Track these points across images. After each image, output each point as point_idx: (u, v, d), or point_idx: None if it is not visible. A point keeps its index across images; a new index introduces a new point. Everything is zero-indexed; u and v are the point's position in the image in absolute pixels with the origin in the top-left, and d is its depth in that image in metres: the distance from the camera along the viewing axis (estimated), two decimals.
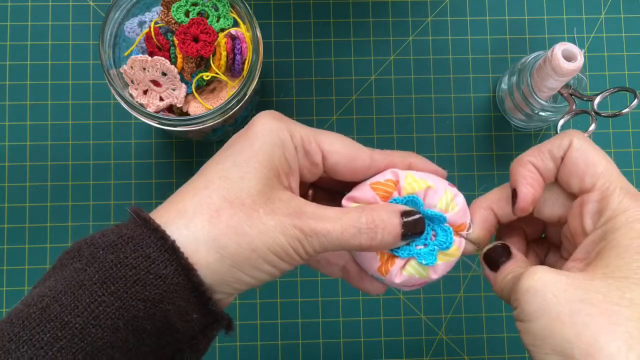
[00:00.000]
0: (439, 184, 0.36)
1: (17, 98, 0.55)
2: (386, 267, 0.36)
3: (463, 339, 0.54)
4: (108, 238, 0.30)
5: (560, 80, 0.47)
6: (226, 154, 0.33)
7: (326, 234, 0.32)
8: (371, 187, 0.35)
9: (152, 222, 0.30)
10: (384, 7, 0.57)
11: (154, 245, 0.30)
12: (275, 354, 0.54)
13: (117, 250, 0.30)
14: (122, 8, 0.46)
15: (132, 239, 0.30)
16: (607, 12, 0.58)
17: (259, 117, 0.34)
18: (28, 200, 0.54)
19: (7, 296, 0.53)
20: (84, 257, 0.30)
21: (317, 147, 0.34)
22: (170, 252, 0.30)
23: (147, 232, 0.30)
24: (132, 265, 0.29)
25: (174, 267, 0.30)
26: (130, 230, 0.30)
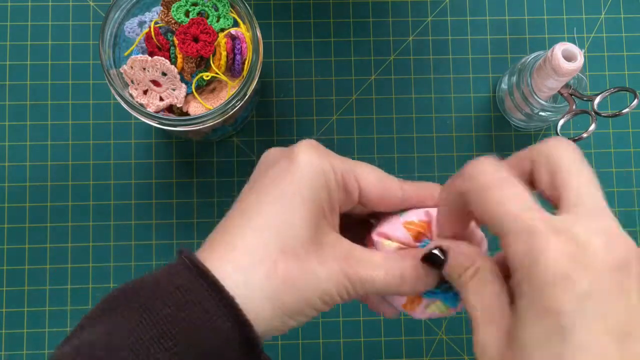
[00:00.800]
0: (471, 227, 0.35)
1: (17, 98, 0.55)
2: (412, 306, 0.36)
3: (463, 339, 0.54)
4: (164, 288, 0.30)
5: (560, 80, 0.47)
6: (272, 194, 0.32)
7: (372, 282, 0.32)
8: (404, 226, 0.35)
9: (210, 275, 0.30)
10: (384, 7, 0.57)
11: (212, 299, 0.29)
12: (275, 354, 0.54)
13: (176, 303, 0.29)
14: (122, 8, 0.46)
15: (188, 291, 0.29)
16: (607, 12, 0.58)
17: (301, 150, 0.33)
18: (28, 200, 0.54)
19: (7, 296, 0.53)
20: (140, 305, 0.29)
21: (355, 183, 0.34)
22: (229, 308, 0.29)
23: (204, 284, 0.30)
24: (189, 320, 0.29)
25: (231, 322, 0.29)
26: (186, 280, 0.30)
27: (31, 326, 0.53)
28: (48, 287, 0.54)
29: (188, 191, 0.55)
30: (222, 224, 0.33)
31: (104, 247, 0.54)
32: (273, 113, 0.56)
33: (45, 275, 0.54)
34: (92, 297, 0.54)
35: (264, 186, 0.33)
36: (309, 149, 0.33)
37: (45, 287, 0.54)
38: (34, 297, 0.53)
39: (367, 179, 0.34)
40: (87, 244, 0.54)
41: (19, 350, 0.53)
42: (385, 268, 0.32)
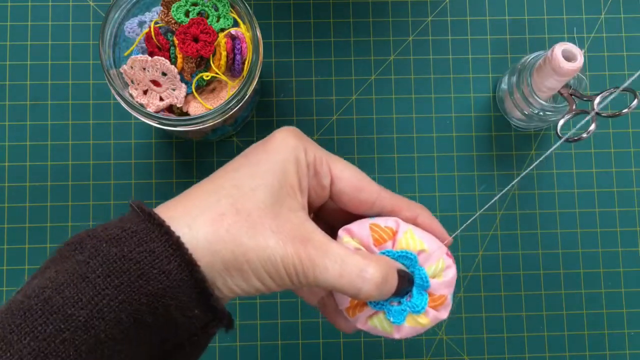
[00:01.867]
0: (435, 250, 0.35)
1: (17, 98, 0.55)
2: (354, 311, 0.36)
3: (463, 339, 0.54)
4: (111, 231, 0.30)
5: (560, 80, 0.47)
6: (241, 162, 0.33)
7: (324, 271, 0.32)
8: (370, 226, 0.35)
9: (157, 217, 0.30)
10: (384, 7, 0.57)
11: (158, 240, 0.30)
12: (275, 354, 0.54)
13: (121, 244, 0.30)
14: (122, 8, 0.46)
15: (135, 233, 0.30)
16: (607, 12, 0.58)
17: (279, 131, 0.34)
18: (28, 200, 0.54)
19: (7, 296, 0.53)
20: (87, 249, 0.30)
21: (327, 170, 0.35)
22: (175, 247, 0.30)
23: (152, 226, 0.30)
24: (136, 259, 0.29)
25: (177, 262, 0.30)
26: (134, 224, 0.30)
27: None
28: None
29: None
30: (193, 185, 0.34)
31: None
32: (273, 113, 0.56)
33: None
34: None
35: (238, 158, 0.34)
36: (286, 130, 0.34)
37: None
38: None
39: (342, 171, 0.35)
40: None
41: None
42: (342, 263, 0.32)
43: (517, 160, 0.56)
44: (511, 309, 0.55)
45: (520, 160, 0.56)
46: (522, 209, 0.56)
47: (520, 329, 0.54)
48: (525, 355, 0.54)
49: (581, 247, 0.55)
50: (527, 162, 0.56)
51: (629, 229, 0.55)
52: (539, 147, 0.57)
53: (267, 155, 0.33)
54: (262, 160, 0.33)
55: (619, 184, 0.56)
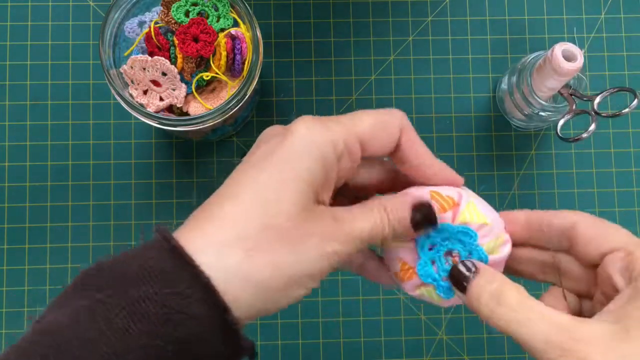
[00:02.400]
0: (496, 224, 0.34)
1: (17, 98, 0.55)
2: (403, 276, 0.35)
3: (463, 339, 0.54)
4: (134, 267, 0.28)
5: (560, 80, 0.47)
6: (262, 166, 0.31)
7: (359, 235, 0.31)
8: (430, 193, 0.34)
9: (185, 255, 0.28)
10: (384, 7, 0.57)
11: (187, 282, 0.27)
12: (275, 354, 0.54)
13: (146, 284, 0.27)
14: (122, 8, 0.46)
15: (161, 272, 0.27)
16: (607, 12, 0.58)
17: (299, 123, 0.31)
18: (28, 200, 0.54)
19: (7, 296, 0.53)
20: (108, 285, 0.27)
21: (358, 145, 0.32)
22: (205, 290, 0.27)
23: (179, 264, 0.28)
24: (162, 302, 0.27)
25: (207, 306, 0.27)
26: (159, 260, 0.28)
27: None
28: (48, 287, 0.54)
29: (188, 191, 0.55)
30: (208, 200, 0.31)
31: (104, 247, 0.54)
32: (273, 113, 0.56)
33: (45, 275, 0.54)
34: None
35: (255, 159, 0.31)
36: (306, 122, 0.31)
37: (45, 287, 0.54)
38: (34, 297, 0.53)
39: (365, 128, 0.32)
40: (87, 244, 0.54)
41: None
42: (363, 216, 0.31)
43: (517, 160, 0.56)
44: None
45: (520, 160, 0.56)
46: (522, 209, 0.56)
47: None
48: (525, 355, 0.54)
49: None
50: (527, 162, 0.56)
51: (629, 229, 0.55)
52: (539, 147, 0.57)
53: (290, 157, 0.30)
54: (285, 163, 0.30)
55: (619, 184, 0.56)
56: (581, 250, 0.33)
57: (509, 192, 0.56)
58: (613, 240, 0.33)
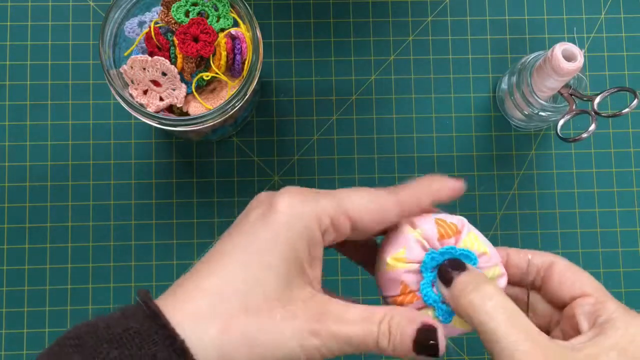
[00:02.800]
0: (494, 256, 0.35)
1: (17, 98, 0.55)
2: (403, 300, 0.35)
3: (463, 339, 0.54)
4: (113, 330, 0.28)
5: (560, 80, 0.47)
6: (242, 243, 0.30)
7: (347, 340, 0.30)
8: (435, 221, 0.34)
9: (163, 318, 0.28)
10: (384, 7, 0.57)
11: (162, 344, 0.28)
12: None
13: (122, 346, 0.27)
14: (122, 8, 0.46)
15: (138, 333, 0.28)
16: (607, 12, 0.58)
17: (282, 197, 0.31)
18: (28, 200, 0.54)
19: (7, 296, 0.53)
20: (86, 349, 0.28)
21: (346, 221, 0.32)
22: (179, 352, 0.28)
23: (155, 327, 0.28)
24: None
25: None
26: (138, 322, 0.28)
27: (31, 326, 0.53)
28: (48, 287, 0.54)
29: (188, 191, 0.55)
30: (193, 268, 0.31)
31: (104, 247, 0.54)
32: (273, 113, 0.56)
33: (45, 275, 0.54)
34: (92, 297, 0.54)
35: (239, 233, 0.31)
36: (292, 195, 0.31)
37: (45, 287, 0.54)
38: (34, 297, 0.53)
39: (358, 208, 0.32)
40: (87, 244, 0.54)
41: (19, 350, 0.53)
42: (363, 325, 0.30)
43: (517, 160, 0.56)
44: None
45: (520, 160, 0.56)
46: (522, 209, 0.56)
47: None
48: None
49: (581, 247, 0.55)
50: (527, 162, 0.56)
51: (629, 229, 0.55)
52: (539, 147, 0.57)
53: (272, 235, 0.30)
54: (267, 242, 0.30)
55: (619, 184, 0.56)
56: (554, 289, 0.35)
57: (509, 192, 0.56)
58: (585, 286, 0.34)
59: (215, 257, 0.31)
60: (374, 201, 0.33)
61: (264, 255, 0.30)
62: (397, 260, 0.34)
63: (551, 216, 0.56)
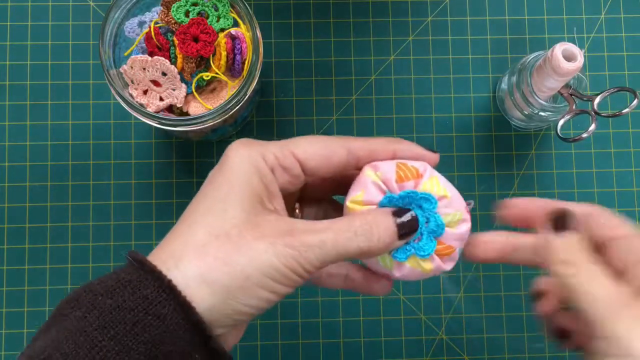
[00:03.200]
0: (456, 200, 0.35)
1: (17, 98, 0.55)
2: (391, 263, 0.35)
3: (463, 338, 0.54)
4: (106, 283, 0.30)
5: (560, 80, 0.47)
6: (205, 191, 0.34)
7: (321, 245, 0.31)
8: (396, 164, 0.35)
9: (148, 264, 0.30)
10: (384, 7, 0.57)
11: (152, 286, 0.30)
12: (275, 354, 0.54)
13: (116, 295, 0.30)
14: (122, 8, 0.46)
15: (129, 282, 0.30)
16: (607, 12, 0.58)
17: (229, 148, 0.34)
18: (28, 200, 0.54)
19: (7, 296, 0.53)
20: (84, 304, 0.30)
21: (293, 160, 0.34)
22: (168, 291, 0.30)
23: (144, 274, 0.30)
24: (130, 307, 0.29)
25: (172, 306, 0.29)
26: (128, 274, 0.31)
27: (31, 326, 0.53)
28: (48, 287, 0.54)
29: (188, 191, 0.55)
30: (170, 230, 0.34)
31: (104, 247, 0.54)
32: (273, 113, 0.56)
33: (45, 275, 0.54)
34: None
35: (202, 188, 0.34)
36: (238, 146, 0.34)
37: (45, 287, 0.54)
38: (34, 297, 0.53)
39: (305, 151, 0.34)
40: (87, 244, 0.54)
41: (19, 350, 0.53)
42: (332, 228, 0.32)
43: (517, 160, 0.56)
44: (511, 309, 0.55)
45: (520, 160, 0.56)
46: None
47: (520, 329, 0.54)
48: (526, 355, 0.54)
49: None
50: (527, 162, 0.56)
51: None
52: (539, 147, 0.57)
53: (227, 176, 0.33)
54: (223, 182, 0.33)
55: (619, 184, 0.56)
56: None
57: (509, 192, 0.56)
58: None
59: (184, 214, 0.34)
60: (320, 144, 0.35)
61: (224, 195, 0.33)
62: (355, 202, 0.35)
63: None
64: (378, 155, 0.35)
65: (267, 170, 0.34)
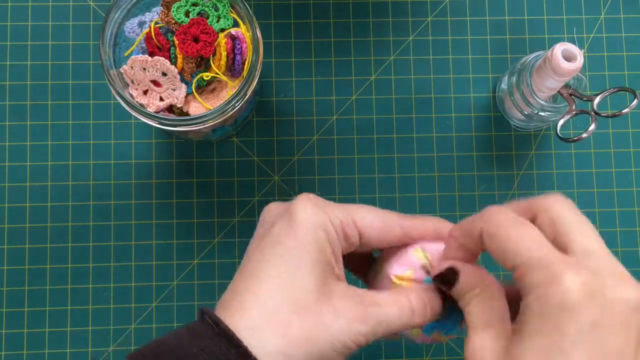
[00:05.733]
0: None
1: (17, 98, 0.55)
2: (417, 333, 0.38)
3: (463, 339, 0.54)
4: (188, 351, 0.30)
5: (560, 80, 0.47)
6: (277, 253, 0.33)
7: (388, 320, 0.33)
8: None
9: (234, 337, 0.30)
10: (384, 7, 0.57)
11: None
12: None
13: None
14: (122, 8, 0.46)
15: (213, 354, 0.29)
16: (607, 12, 0.58)
17: (300, 206, 0.34)
18: (28, 201, 0.54)
19: (7, 296, 0.53)
20: None
21: (355, 229, 0.35)
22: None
23: (228, 346, 0.30)
24: None
25: None
26: (209, 342, 0.30)
27: (31, 326, 0.53)
28: (48, 287, 0.54)
29: (188, 191, 0.55)
30: (232, 286, 0.33)
31: (104, 247, 0.54)
32: (273, 113, 0.56)
33: (45, 275, 0.54)
34: (92, 297, 0.54)
35: (269, 245, 0.34)
36: (307, 205, 0.34)
37: (45, 287, 0.54)
38: (34, 297, 0.53)
39: (366, 221, 0.35)
40: (87, 244, 0.54)
41: (19, 350, 0.53)
42: (396, 303, 0.33)
43: (517, 160, 0.56)
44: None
45: (520, 160, 0.56)
46: None
47: None
48: None
49: None
50: (527, 162, 0.56)
51: (629, 229, 0.56)
52: (538, 147, 0.57)
53: (299, 241, 0.33)
54: (295, 244, 0.33)
55: (619, 184, 0.56)
56: None
57: (509, 192, 0.56)
58: None
59: (250, 271, 0.33)
60: (380, 217, 0.36)
61: (298, 261, 0.32)
62: (401, 279, 0.36)
63: None
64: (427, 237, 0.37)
65: (335, 236, 0.34)
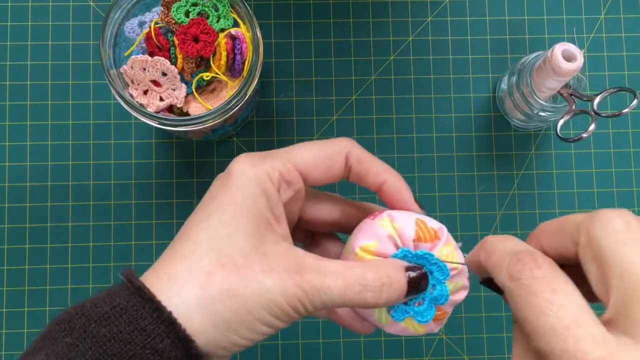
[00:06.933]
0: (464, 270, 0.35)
1: (17, 98, 0.55)
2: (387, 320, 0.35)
3: (463, 339, 0.54)
4: (100, 309, 0.29)
5: (560, 80, 0.47)
6: (209, 209, 0.32)
7: (328, 292, 0.30)
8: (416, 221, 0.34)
9: (147, 292, 0.29)
10: (384, 7, 0.57)
11: (150, 317, 0.28)
12: (275, 354, 0.54)
13: (111, 323, 0.28)
14: (122, 8, 0.46)
15: (125, 310, 0.28)
16: (607, 12, 0.58)
17: (234, 165, 0.33)
18: (28, 201, 0.54)
19: (7, 296, 0.53)
20: (76, 330, 0.28)
21: (296, 174, 0.33)
22: (167, 324, 0.28)
23: (142, 302, 0.29)
24: (126, 340, 0.28)
25: (171, 340, 0.28)
26: (124, 299, 0.29)
27: (31, 326, 0.53)
28: (48, 287, 0.54)
29: (188, 191, 0.55)
30: (168, 247, 0.32)
31: (104, 247, 0.54)
32: (273, 113, 0.56)
33: (45, 275, 0.54)
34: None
35: (204, 206, 0.33)
36: (243, 160, 0.33)
37: (45, 287, 0.54)
38: (34, 297, 0.53)
39: (306, 160, 0.34)
40: (87, 244, 0.54)
41: (19, 350, 0.53)
42: (344, 276, 0.31)
43: (517, 160, 0.56)
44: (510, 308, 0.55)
45: (520, 160, 0.56)
46: (521, 209, 0.56)
47: None
48: None
49: None
50: (527, 162, 0.56)
51: None
52: (538, 147, 0.57)
53: (232, 196, 0.32)
54: (229, 202, 0.31)
55: (619, 184, 0.56)
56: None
57: (509, 192, 0.56)
58: None
59: (186, 231, 0.32)
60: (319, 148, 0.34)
61: (230, 217, 0.31)
62: (365, 251, 0.34)
63: (551, 216, 0.56)
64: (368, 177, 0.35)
65: (274, 191, 0.32)
